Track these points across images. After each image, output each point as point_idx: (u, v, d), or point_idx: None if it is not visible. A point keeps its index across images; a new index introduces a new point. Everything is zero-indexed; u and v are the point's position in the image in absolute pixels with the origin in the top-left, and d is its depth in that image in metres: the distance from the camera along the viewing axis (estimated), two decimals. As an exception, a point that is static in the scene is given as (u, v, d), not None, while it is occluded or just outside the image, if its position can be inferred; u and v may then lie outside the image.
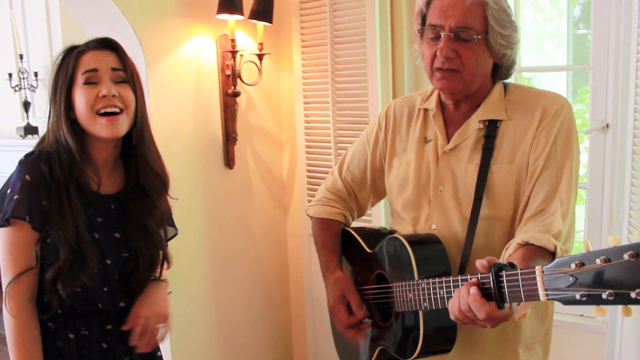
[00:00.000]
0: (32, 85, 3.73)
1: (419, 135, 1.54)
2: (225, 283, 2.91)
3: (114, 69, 1.46)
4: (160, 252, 1.60)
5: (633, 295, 0.89)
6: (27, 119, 3.75)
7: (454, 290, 1.23)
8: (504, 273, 1.11)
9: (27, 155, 1.46)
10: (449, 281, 1.25)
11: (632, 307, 0.93)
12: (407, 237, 1.43)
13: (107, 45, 1.49)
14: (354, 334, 1.52)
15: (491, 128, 1.42)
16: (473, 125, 1.44)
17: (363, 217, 1.84)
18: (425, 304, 1.32)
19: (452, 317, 1.20)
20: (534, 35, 5.00)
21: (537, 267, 1.04)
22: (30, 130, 3.66)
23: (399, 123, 1.60)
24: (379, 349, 1.54)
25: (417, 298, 1.34)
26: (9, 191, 1.42)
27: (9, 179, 1.45)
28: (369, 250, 1.59)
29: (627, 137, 2.13)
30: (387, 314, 1.50)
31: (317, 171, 2.92)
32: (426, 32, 1.40)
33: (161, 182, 1.58)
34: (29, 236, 1.41)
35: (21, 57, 3.68)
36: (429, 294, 1.31)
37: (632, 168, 2.10)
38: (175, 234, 1.72)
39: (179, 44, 2.56)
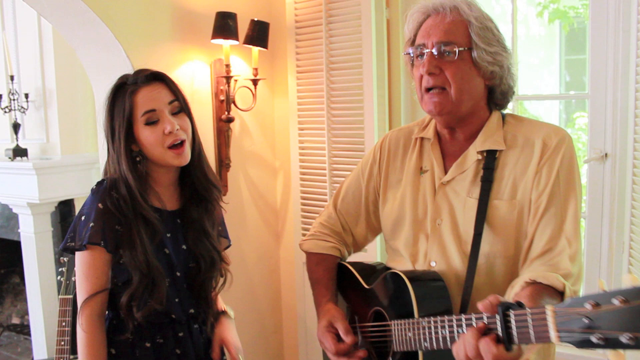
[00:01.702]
0: (22, 107, 3.68)
1: (415, 166, 1.50)
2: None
3: (170, 103, 1.57)
4: (218, 253, 1.70)
5: None
6: (17, 140, 3.68)
7: (457, 330, 1.16)
8: (511, 313, 1.04)
9: (98, 184, 1.59)
10: (452, 320, 1.17)
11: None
12: (406, 273, 1.37)
13: (156, 78, 1.59)
14: None
15: (490, 159, 1.38)
16: (471, 157, 1.40)
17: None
18: (425, 344, 1.24)
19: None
20: (525, 61, 5.04)
21: (547, 307, 0.97)
22: (19, 152, 3.60)
23: (394, 155, 1.56)
24: None
25: (416, 337, 1.26)
26: (83, 218, 1.56)
27: (82, 206, 1.59)
28: (366, 286, 1.52)
29: (627, 166, 2.11)
30: (385, 353, 1.43)
31: (312, 198, 2.88)
32: (413, 54, 1.40)
33: (218, 190, 1.73)
34: (103, 259, 1.55)
35: (12, 78, 3.63)
36: (429, 333, 1.22)
37: (632, 198, 2.07)
38: (229, 245, 1.84)
39: (173, 68, 2.53)
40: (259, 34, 2.64)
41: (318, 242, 1.65)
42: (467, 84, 1.35)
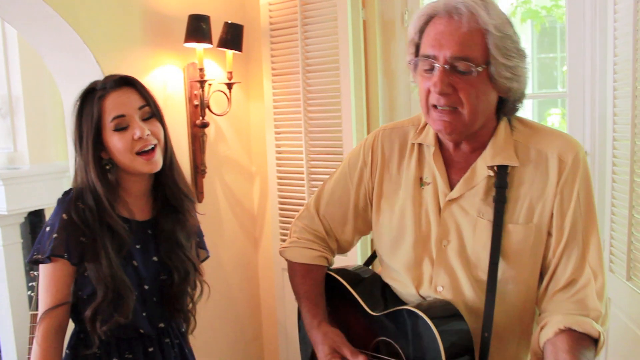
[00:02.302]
0: (-13, 116, 3.55)
1: (414, 175, 1.35)
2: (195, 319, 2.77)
3: (140, 108, 1.51)
4: (193, 265, 1.63)
5: None
6: (-18, 150, 3.56)
7: None
8: None
9: (65, 194, 1.53)
10: None
11: None
12: (427, 313, 1.22)
13: (126, 83, 1.52)
14: None
15: (502, 176, 1.24)
16: (481, 171, 1.26)
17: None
18: None
19: None
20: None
21: None
22: (-15, 162, 3.48)
23: (389, 159, 1.40)
24: None
25: None
26: (47, 229, 1.50)
27: (50, 217, 1.53)
28: (371, 312, 1.37)
29: (607, 165, 2.11)
30: None
31: (290, 203, 2.83)
32: (420, 64, 1.23)
33: (190, 200, 1.65)
34: (67, 272, 1.49)
35: (-24, 86, 3.51)
36: None
37: (612, 197, 2.07)
38: (207, 257, 1.78)
39: (145, 73, 2.45)
40: (233, 37, 2.58)
41: (303, 251, 1.50)
42: (482, 103, 1.21)
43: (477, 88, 1.18)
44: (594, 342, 1.15)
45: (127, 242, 1.52)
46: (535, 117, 4.92)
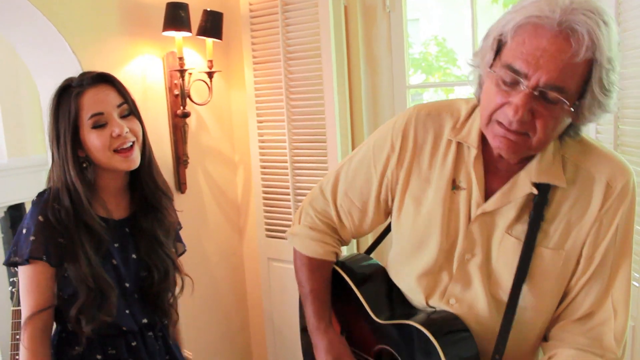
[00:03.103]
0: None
1: (449, 177, 1.20)
2: (180, 311, 2.74)
3: (118, 106, 1.49)
4: (172, 262, 1.63)
5: None
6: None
7: None
8: None
9: (39, 195, 1.51)
10: None
11: None
12: (434, 332, 1.16)
13: (103, 79, 1.50)
14: None
15: (543, 194, 1.12)
16: (523, 187, 1.13)
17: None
18: None
19: None
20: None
21: None
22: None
23: (420, 150, 1.24)
24: None
25: None
26: (24, 231, 1.48)
27: (24, 218, 1.52)
28: (376, 319, 1.31)
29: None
30: None
31: (274, 192, 2.81)
32: (499, 71, 1.03)
33: (167, 197, 1.65)
34: (46, 273, 1.48)
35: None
36: None
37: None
38: (184, 251, 1.77)
39: (123, 64, 2.40)
40: (212, 25, 2.53)
41: (315, 245, 1.40)
42: (555, 133, 1.07)
43: (557, 120, 1.03)
44: None
45: (106, 241, 1.51)
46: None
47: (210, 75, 2.62)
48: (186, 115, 2.60)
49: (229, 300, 3.04)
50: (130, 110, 1.53)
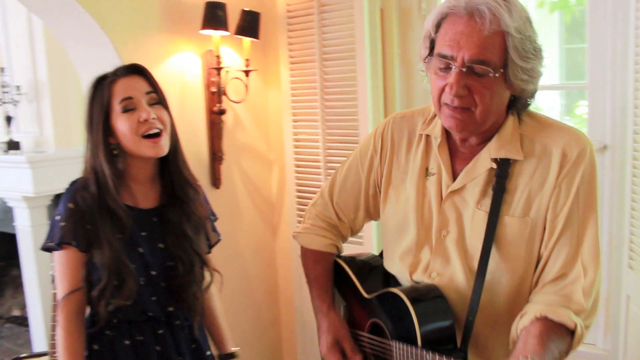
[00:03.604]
0: (14, 100, 3.64)
1: (420, 166, 1.36)
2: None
3: (147, 93, 1.56)
4: (199, 258, 1.67)
5: None
6: (10, 133, 3.65)
7: None
8: None
9: (71, 184, 1.59)
10: None
11: None
12: (408, 294, 1.27)
13: (136, 70, 1.59)
14: None
15: (504, 168, 1.24)
16: (484, 163, 1.26)
17: (355, 240, 1.75)
18: None
19: None
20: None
21: None
22: (12, 145, 3.59)
23: (398, 147, 1.42)
24: None
25: None
26: (57, 218, 1.56)
27: (58, 205, 1.59)
28: (365, 295, 1.44)
29: (627, 158, 2.05)
30: None
31: (307, 190, 2.84)
32: (434, 61, 1.21)
33: (194, 190, 1.68)
34: (77, 258, 1.56)
35: (2, 70, 3.59)
36: None
37: (632, 191, 2.03)
38: (218, 240, 1.82)
39: (162, 60, 2.48)
40: (249, 24, 2.58)
41: (316, 238, 1.55)
42: (495, 104, 1.20)
43: (491, 90, 1.17)
44: (570, 333, 1.15)
45: (129, 226, 1.56)
46: (563, 109, 4.80)
47: (246, 73, 2.67)
48: (222, 112, 2.65)
49: (261, 295, 3.09)
50: (159, 99, 1.59)
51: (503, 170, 1.24)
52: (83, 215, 1.53)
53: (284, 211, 3.05)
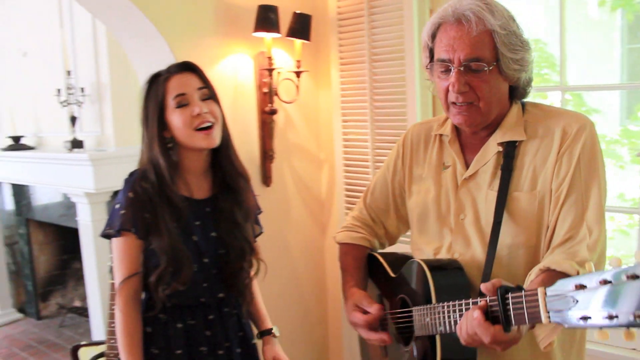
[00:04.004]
0: (78, 101, 3.83)
1: (437, 162, 1.51)
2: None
3: (199, 89, 1.65)
4: (249, 245, 1.76)
5: (631, 317, 0.87)
6: (74, 133, 3.83)
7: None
8: (509, 295, 1.10)
9: (130, 174, 1.68)
10: (462, 304, 1.23)
11: (635, 331, 0.90)
12: (427, 262, 1.40)
13: (188, 68, 1.67)
14: (376, 336, 1.46)
15: (510, 149, 1.38)
16: (492, 149, 1.40)
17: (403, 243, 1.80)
18: (440, 328, 1.29)
19: (461, 340, 1.20)
20: (582, 49, 4.82)
21: (539, 289, 1.03)
22: (76, 144, 3.75)
23: (416, 149, 1.58)
24: None
25: (433, 322, 1.31)
26: (117, 206, 1.65)
27: (118, 195, 1.69)
28: (392, 275, 1.57)
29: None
30: (409, 339, 1.47)
31: (356, 190, 2.87)
32: (435, 67, 1.36)
33: (244, 179, 1.76)
34: (135, 245, 1.64)
35: (69, 73, 3.78)
36: (444, 317, 1.28)
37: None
38: (261, 232, 1.90)
39: (216, 62, 2.56)
40: (301, 27, 2.64)
41: (349, 233, 1.68)
42: (495, 95, 1.35)
43: (489, 83, 1.32)
44: None
45: (185, 215, 1.64)
46: (624, 112, 4.66)
47: (298, 74, 2.73)
48: (273, 112, 2.72)
49: (309, 293, 3.13)
50: (210, 94, 1.67)
51: (509, 151, 1.37)
52: (142, 204, 1.61)
53: (333, 210, 3.09)
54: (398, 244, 1.77)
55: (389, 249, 1.74)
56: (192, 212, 1.67)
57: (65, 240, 5.05)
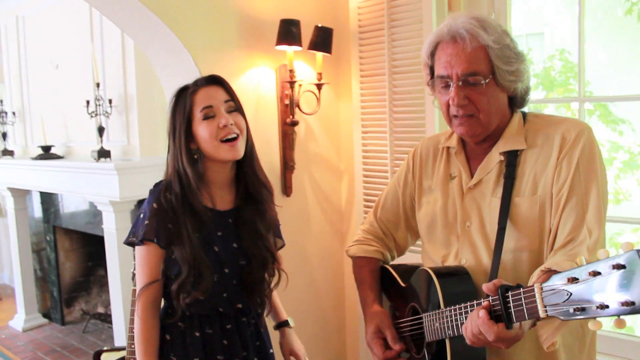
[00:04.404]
0: (106, 112, 3.94)
1: (444, 173, 1.58)
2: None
3: (225, 101, 1.70)
4: (271, 255, 1.79)
5: (617, 306, 0.92)
6: (101, 143, 3.94)
7: None
8: (510, 293, 1.16)
9: (156, 185, 1.74)
10: (467, 307, 1.29)
11: (626, 319, 0.95)
12: (434, 269, 1.46)
13: (214, 81, 1.73)
14: None
15: (511, 158, 1.44)
16: (494, 158, 1.46)
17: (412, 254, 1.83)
18: (449, 332, 1.35)
19: (467, 341, 1.25)
20: (610, 59, 4.78)
21: (536, 285, 1.09)
22: (103, 153, 3.85)
23: (425, 162, 1.64)
24: None
25: (442, 326, 1.37)
26: (141, 216, 1.71)
27: (143, 205, 1.75)
28: (403, 285, 1.62)
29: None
30: (421, 345, 1.51)
31: (375, 200, 2.88)
32: (436, 83, 1.44)
33: (268, 191, 1.80)
34: (157, 254, 1.69)
35: (98, 85, 3.90)
36: (452, 321, 1.34)
37: None
38: (283, 245, 1.93)
39: (239, 74, 2.64)
40: (322, 40, 2.69)
41: (362, 247, 1.74)
42: (494, 106, 1.41)
43: (487, 95, 1.39)
44: None
45: (208, 225, 1.69)
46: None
47: (319, 86, 2.79)
48: (295, 123, 2.78)
49: (327, 302, 3.17)
50: (236, 107, 1.72)
51: (511, 160, 1.43)
52: (165, 215, 1.66)
53: (352, 220, 3.12)
54: (408, 255, 1.82)
55: (399, 260, 1.79)
56: (214, 223, 1.71)
57: (91, 247, 5.16)
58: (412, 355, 1.56)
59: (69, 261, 5.23)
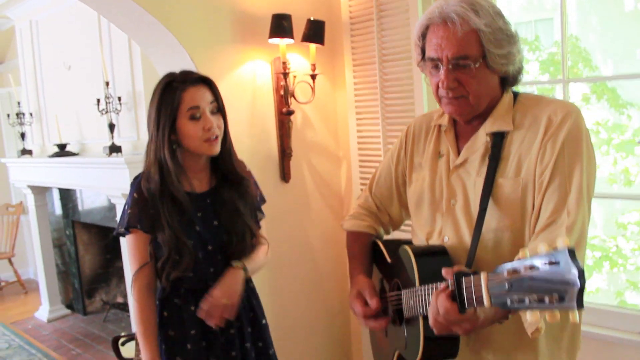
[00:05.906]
0: (116, 109, 4.09)
1: (433, 151, 1.59)
2: (282, 291, 3.05)
3: (210, 102, 1.83)
4: (249, 229, 1.92)
5: (547, 300, 0.95)
6: (112, 139, 4.10)
7: None
8: (463, 279, 1.20)
9: (135, 178, 1.88)
10: (434, 287, 1.32)
11: (558, 313, 0.97)
12: (412, 247, 1.50)
13: (203, 81, 1.84)
14: (373, 324, 1.58)
15: (497, 139, 1.43)
16: (481, 139, 1.46)
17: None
18: (421, 310, 1.38)
19: (430, 321, 1.29)
20: (619, 43, 4.81)
21: (482, 273, 1.12)
22: (114, 149, 4.00)
23: (417, 139, 1.66)
24: (396, 352, 1.61)
25: (416, 304, 1.41)
26: (125, 207, 1.85)
27: (127, 198, 1.88)
28: (389, 260, 1.67)
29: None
30: (402, 319, 1.56)
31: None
32: (426, 64, 1.44)
33: (243, 177, 1.95)
34: (143, 239, 1.83)
35: (107, 84, 4.06)
36: (424, 299, 1.37)
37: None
38: (263, 217, 2.07)
39: (235, 68, 2.76)
40: (315, 32, 2.80)
41: (355, 222, 1.79)
42: (484, 88, 1.41)
43: (478, 78, 1.38)
44: None
45: (188, 209, 1.82)
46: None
47: (313, 77, 2.90)
48: (290, 113, 2.90)
49: (330, 283, 3.27)
50: (219, 108, 1.85)
51: (496, 142, 1.43)
52: (145, 203, 1.80)
53: (353, 204, 3.23)
54: (401, 232, 1.88)
55: (393, 235, 1.85)
56: (194, 205, 1.84)
57: (108, 240, 5.34)
58: (396, 328, 1.61)
59: (88, 254, 5.41)
